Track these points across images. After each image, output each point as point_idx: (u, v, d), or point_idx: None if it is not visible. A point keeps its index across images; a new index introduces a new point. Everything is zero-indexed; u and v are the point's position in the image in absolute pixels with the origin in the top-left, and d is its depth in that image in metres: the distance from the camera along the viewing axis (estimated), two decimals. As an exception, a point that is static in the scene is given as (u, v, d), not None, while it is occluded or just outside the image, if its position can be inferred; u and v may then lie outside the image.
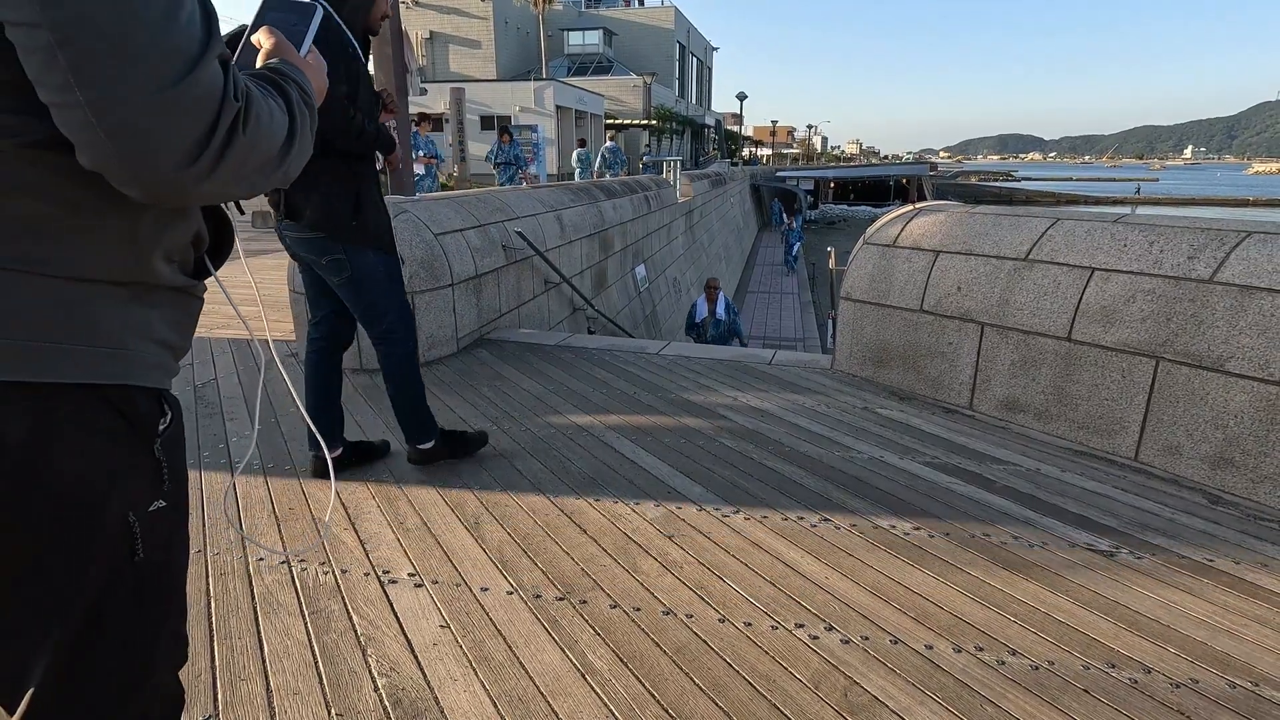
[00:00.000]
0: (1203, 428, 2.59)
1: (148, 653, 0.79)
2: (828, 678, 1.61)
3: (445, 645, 1.71)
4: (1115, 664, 1.66)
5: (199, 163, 0.62)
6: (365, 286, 2.34)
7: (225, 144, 0.63)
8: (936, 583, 1.99)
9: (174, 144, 0.60)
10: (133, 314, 0.70)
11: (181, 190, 0.64)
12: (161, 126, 0.59)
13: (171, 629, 0.83)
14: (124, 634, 0.75)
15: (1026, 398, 3.13)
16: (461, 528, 2.26)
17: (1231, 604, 1.90)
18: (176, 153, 0.61)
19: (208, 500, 2.44)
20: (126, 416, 0.70)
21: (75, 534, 0.68)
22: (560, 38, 41.78)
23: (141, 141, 0.59)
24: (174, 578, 0.82)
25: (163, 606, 0.80)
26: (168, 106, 0.59)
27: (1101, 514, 2.38)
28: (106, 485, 0.70)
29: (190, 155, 0.61)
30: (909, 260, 3.62)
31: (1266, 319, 2.43)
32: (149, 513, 0.74)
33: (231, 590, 1.92)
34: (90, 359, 0.67)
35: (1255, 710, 1.52)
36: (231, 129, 0.64)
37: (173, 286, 0.74)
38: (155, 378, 0.73)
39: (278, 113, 0.71)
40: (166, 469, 0.76)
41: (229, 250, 0.85)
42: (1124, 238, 2.91)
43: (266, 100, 0.70)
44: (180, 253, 0.75)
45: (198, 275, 0.79)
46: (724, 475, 2.65)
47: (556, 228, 6.20)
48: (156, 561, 0.76)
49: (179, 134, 0.60)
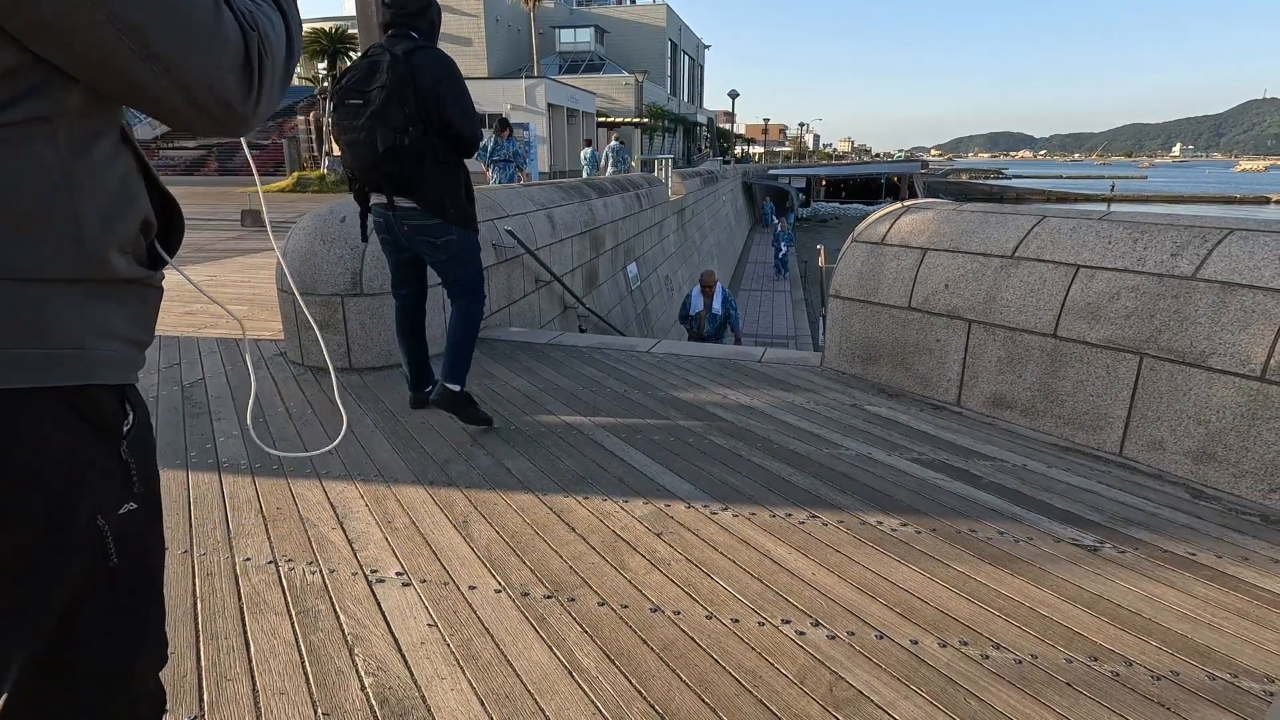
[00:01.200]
0: (1185, 423, 2.62)
1: (127, 657, 0.78)
2: (813, 673, 1.62)
3: (433, 644, 1.71)
4: (1098, 657, 1.68)
5: (254, 89, 0.70)
6: (464, 259, 2.84)
7: (260, 66, 0.70)
8: (922, 578, 2.00)
9: (233, 78, 0.68)
10: (90, 311, 0.69)
11: (252, 115, 0.72)
12: (218, 68, 0.67)
13: (151, 631, 0.83)
14: (101, 639, 0.74)
15: (1013, 394, 3.16)
16: (450, 526, 2.26)
17: (1213, 597, 1.92)
18: (239, 88, 0.69)
19: (195, 501, 2.42)
20: (89, 419, 0.69)
21: (44, 542, 0.67)
22: (552, 35, 41.69)
23: (208, 87, 0.67)
24: (151, 580, 0.82)
25: (140, 610, 0.79)
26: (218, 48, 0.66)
27: (1086, 509, 2.40)
28: (73, 491, 0.68)
29: (245, 85, 0.69)
30: (897, 258, 3.63)
31: (1247, 315, 2.46)
32: (119, 515, 0.73)
33: (218, 590, 1.92)
34: (48, 361, 0.65)
35: (1234, 701, 1.54)
36: (261, 52, 0.71)
37: (128, 279, 0.72)
38: (117, 374, 0.72)
39: (275, 17, 0.76)
40: (135, 470, 0.75)
41: (180, 235, 0.83)
42: (1109, 235, 2.93)
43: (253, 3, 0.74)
44: (131, 243, 0.73)
45: (153, 265, 0.77)
46: (713, 472, 2.66)
47: (547, 226, 6.19)
48: (131, 565, 0.75)
49: (232, 68, 0.68)
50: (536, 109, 27.25)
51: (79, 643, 0.73)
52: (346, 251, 3.88)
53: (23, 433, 0.64)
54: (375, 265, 3.90)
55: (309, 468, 2.66)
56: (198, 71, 0.65)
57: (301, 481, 2.56)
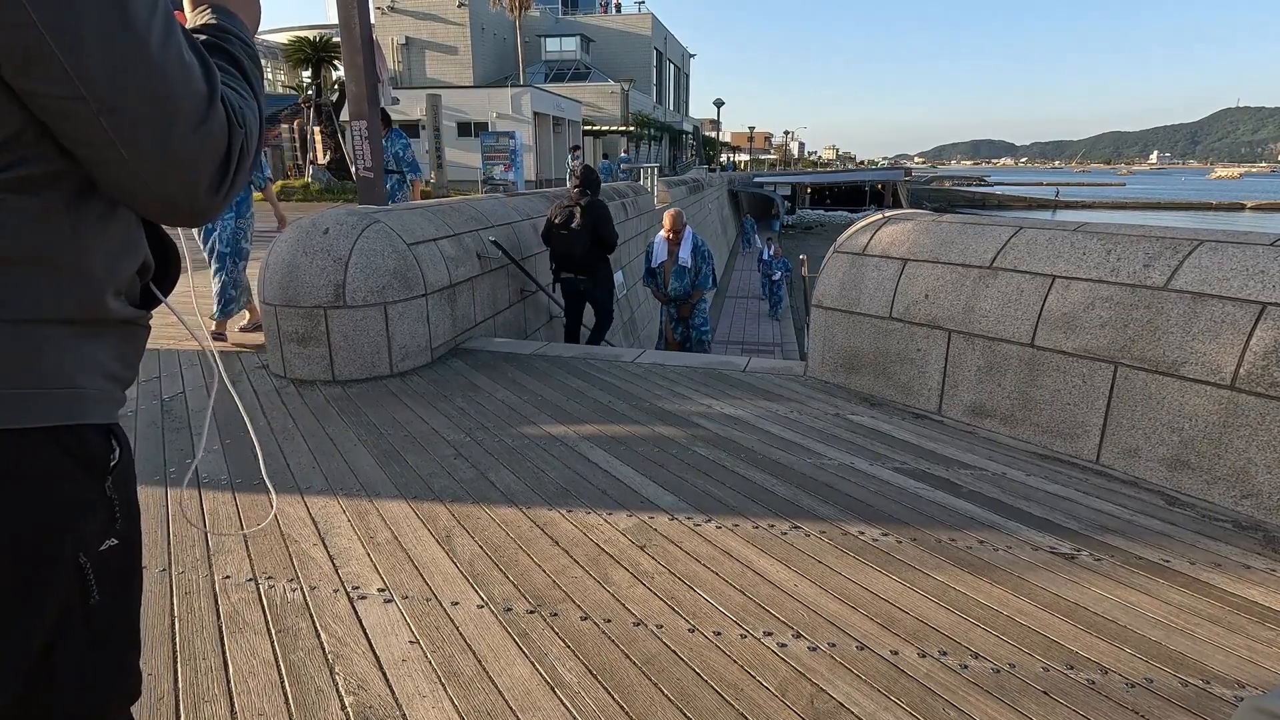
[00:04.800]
0: (1160, 431, 2.67)
1: (101, 693, 0.78)
2: (794, 685, 1.63)
3: (414, 661, 1.70)
4: (1074, 665, 1.70)
5: (225, 182, 0.71)
6: (602, 298, 5.84)
7: (239, 160, 0.72)
8: (903, 588, 2.02)
9: (206, 176, 0.69)
10: (83, 350, 0.69)
11: (215, 210, 0.72)
12: (195, 165, 0.67)
13: (127, 668, 0.82)
14: (77, 677, 0.74)
15: (993, 403, 3.20)
16: (433, 541, 2.25)
17: (1186, 604, 1.96)
18: (209, 182, 0.69)
19: (173, 516, 2.40)
20: (77, 457, 0.69)
21: (26, 583, 0.66)
22: (537, 44, 41.80)
23: (180, 182, 0.67)
24: (128, 614, 0.81)
25: (118, 646, 0.79)
26: (200, 146, 0.67)
27: (1064, 517, 2.44)
28: (59, 530, 0.68)
29: (218, 180, 0.70)
30: (878, 268, 3.68)
31: (1218, 325, 2.51)
32: (100, 552, 0.73)
33: (196, 609, 1.90)
34: (43, 402, 0.66)
35: (1206, 708, 1.57)
36: (242, 148, 0.72)
37: (120, 319, 0.73)
38: (104, 412, 0.72)
39: (247, 97, 0.76)
40: (119, 506, 0.75)
41: (176, 275, 0.85)
42: (1083, 246, 2.98)
43: (237, 91, 0.74)
44: (128, 285, 0.75)
45: (145, 305, 0.78)
46: (697, 484, 2.67)
47: (532, 235, 6.19)
48: (110, 601, 0.75)
49: (209, 167, 0.69)
50: (523, 117, 27.28)
51: (54, 680, 0.72)
52: (329, 263, 3.87)
53: (12, 473, 0.64)
54: (359, 278, 3.89)
55: (291, 483, 2.64)
56: (177, 167, 0.66)
57: (283, 497, 2.54)
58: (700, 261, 6.37)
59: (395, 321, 4.00)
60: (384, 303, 3.95)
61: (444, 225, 4.71)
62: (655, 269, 6.53)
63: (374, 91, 4.94)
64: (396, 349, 4.02)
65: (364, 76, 4.87)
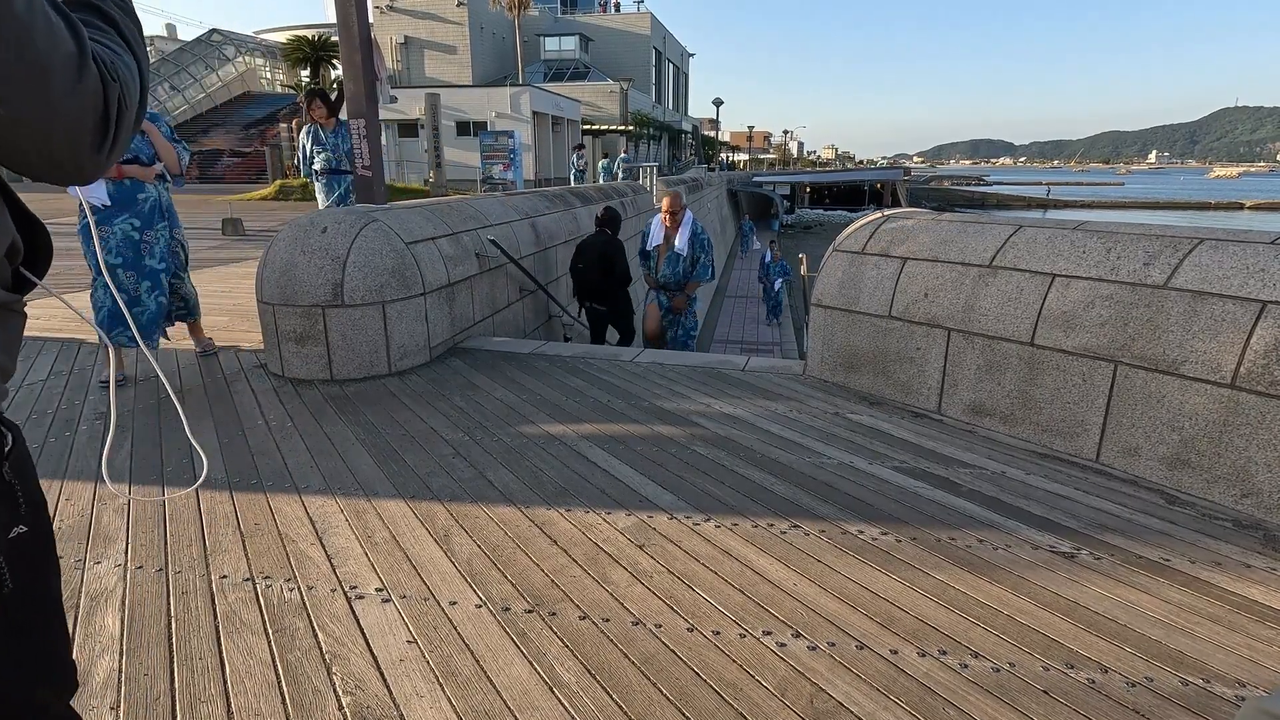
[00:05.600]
0: (1160, 429, 2.66)
1: (28, 684, 0.76)
2: (794, 684, 1.63)
3: (412, 661, 1.69)
4: (1074, 664, 1.70)
5: (108, 139, 0.70)
6: (623, 319, 6.37)
7: (119, 115, 0.70)
8: (902, 587, 2.01)
9: (87, 133, 0.68)
10: None
11: (101, 167, 0.71)
12: (76, 124, 0.66)
13: (55, 657, 0.81)
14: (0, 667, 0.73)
15: (992, 402, 3.19)
16: (431, 540, 2.24)
17: (1186, 602, 1.95)
18: (91, 139, 0.68)
19: (170, 517, 2.39)
20: None
21: None
22: (536, 43, 41.77)
23: (62, 142, 0.66)
24: (49, 604, 0.80)
25: (40, 635, 0.78)
26: (78, 105, 0.66)
27: (1064, 516, 2.43)
28: None
29: (99, 138, 0.69)
30: (877, 267, 3.67)
31: (1218, 323, 2.51)
32: (9, 540, 0.72)
33: (193, 609, 1.89)
34: None
35: (1207, 707, 1.57)
36: (120, 102, 0.70)
37: None
38: None
39: (121, 51, 0.75)
40: (20, 491, 0.73)
41: (48, 259, 0.81)
42: (1083, 245, 2.98)
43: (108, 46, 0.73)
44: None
45: (18, 289, 0.75)
46: (696, 483, 2.67)
47: (531, 234, 6.18)
48: (26, 589, 0.74)
49: (89, 124, 0.67)
50: (522, 116, 27.26)
51: None
52: (327, 262, 3.86)
53: None
54: (357, 277, 3.88)
55: (288, 482, 2.63)
56: (56, 126, 0.64)
57: (280, 496, 2.53)
58: (698, 251, 5.84)
59: (393, 321, 3.99)
60: (382, 302, 3.94)
61: (442, 224, 4.70)
62: (650, 251, 6.02)
63: (372, 90, 4.93)
64: (395, 348, 4.01)
65: (362, 75, 4.86)
